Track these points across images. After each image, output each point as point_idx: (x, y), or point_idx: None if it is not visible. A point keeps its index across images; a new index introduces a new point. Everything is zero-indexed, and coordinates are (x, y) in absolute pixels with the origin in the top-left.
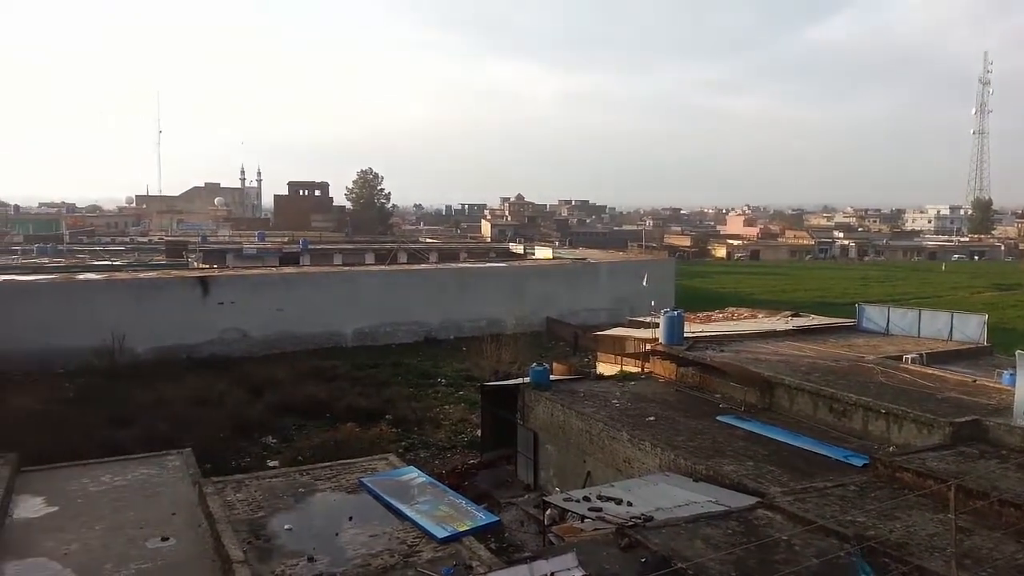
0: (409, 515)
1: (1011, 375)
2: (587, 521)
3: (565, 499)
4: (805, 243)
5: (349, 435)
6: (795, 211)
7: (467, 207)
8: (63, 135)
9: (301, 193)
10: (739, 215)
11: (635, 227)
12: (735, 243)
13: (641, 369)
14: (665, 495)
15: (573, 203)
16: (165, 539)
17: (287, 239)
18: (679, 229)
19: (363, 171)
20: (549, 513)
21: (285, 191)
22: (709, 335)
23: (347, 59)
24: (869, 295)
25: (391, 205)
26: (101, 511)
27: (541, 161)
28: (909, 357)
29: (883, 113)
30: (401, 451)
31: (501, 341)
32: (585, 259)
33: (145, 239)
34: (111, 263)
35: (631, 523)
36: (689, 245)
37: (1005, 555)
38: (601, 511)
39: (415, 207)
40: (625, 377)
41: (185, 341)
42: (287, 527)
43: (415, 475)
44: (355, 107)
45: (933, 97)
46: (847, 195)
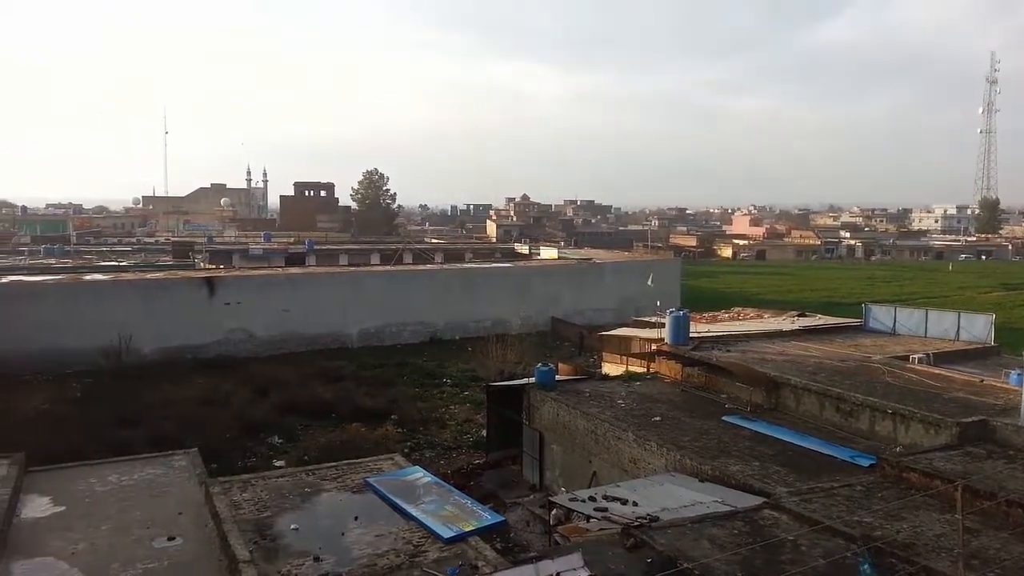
0: (415, 515)
1: (1018, 375)
2: (593, 521)
3: (571, 499)
4: (811, 243)
5: (355, 435)
6: (801, 211)
7: (472, 207)
8: (63, 135)
9: (307, 194)
10: (745, 215)
11: (641, 227)
12: (741, 243)
13: (647, 369)
14: (671, 495)
15: (578, 203)
16: (172, 539)
17: (293, 240)
18: (685, 229)
19: (368, 172)
20: (555, 513)
21: (291, 192)
22: (715, 335)
23: (348, 59)
24: (876, 295)
25: (396, 206)
26: (108, 511)
27: (546, 161)
28: (916, 357)
29: (890, 113)
30: (407, 451)
31: (506, 341)
32: (590, 259)
33: (152, 240)
34: (118, 264)
35: (637, 523)
36: (695, 245)
37: (1013, 556)
38: (607, 511)
39: (420, 207)
40: (631, 377)
41: (191, 341)
42: (293, 527)
43: (421, 475)
44: (358, 108)
45: (939, 96)
46: (853, 195)
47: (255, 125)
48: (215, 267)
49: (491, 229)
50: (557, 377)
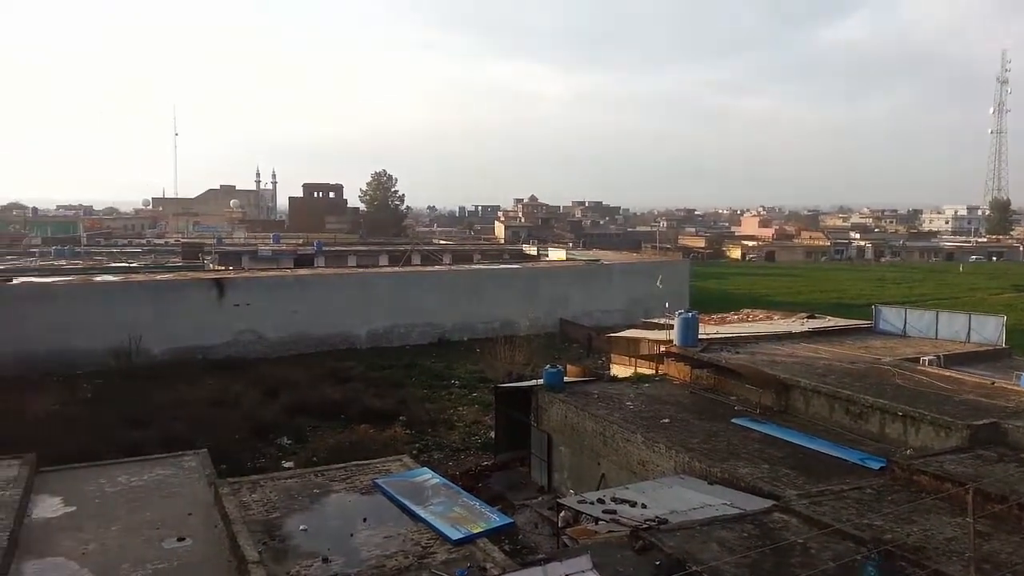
0: (423, 516)
1: None
2: (601, 523)
3: (579, 501)
4: (821, 244)
5: (363, 436)
6: (811, 212)
7: (480, 209)
8: (64, 135)
9: (315, 195)
10: (754, 216)
11: (649, 228)
12: (750, 244)
13: (655, 371)
14: (680, 498)
15: (587, 204)
16: (181, 539)
17: (302, 241)
18: (693, 230)
19: (377, 173)
20: (563, 515)
21: (299, 193)
22: (724, 337)
23: (348, 59)
24: (886, 296)
25: (405, 207)
26: (118, 511)
27: (546, 161)
28: (926, 359)
29: (900, 113)
30: (415, 452)
31: (515, 343)
32: (599, 260)
33: (161, 241)
34: (128, 265)
35: (645, 525)
36: (703, 246)
37: None
38: (615, 513)
39: (429, 209)
40: (639, 379)
41: (201, 342)
42: (302, 528)
43: (429, 476)
44: (358, 107)
45: (949, 97)
46: (863, 196)
47: (255, 125)
48: (224, 268)
49: (499, 230)
50: (565, 379)
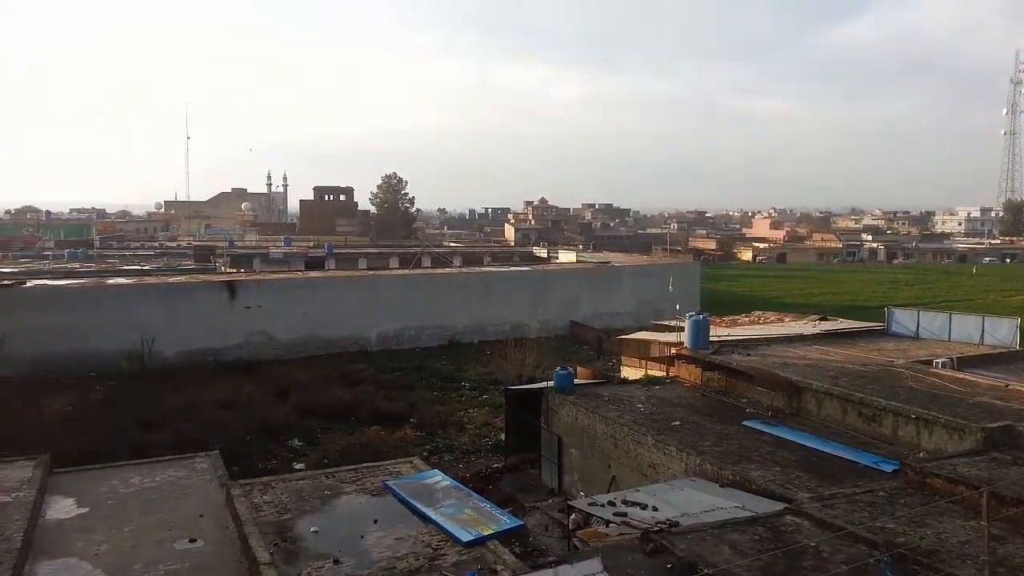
0: (434, 518)
1: None
2: (612, 526)
3: (590, 503)
4: (833, 246)
5: (374, 438)
6: (822, 213)
7: (490, 211)
8: (69, 136)
9: (326, 198)
10: (765, 218)
11: (659, 230)
12: (761, 246)
13: (666, 373)
14: (691, 500)
15: (597, 206)
16: (193, 541)
17: (312, 243)
18: (704, 232)
19: (387, 176)
20: (574, 518)
21: (310, 196)
22: (735, 339)
23: (352, 60)
24: (898, 298)
25: (415, 209)
26: (130, 512)
27: (563, 165)
28: (939, 361)
29: (912, 114)
30: (425, 454)
31: (525, 345)
32: (609, 263)
33: (174, 244)
34: (140, 268)
35: (657, 528)
36: (715, 248)
37: None
38: (626, 516)
39: (439, 211)
40: (650, 381)
41: (213, 344)
42: (313, 529)
43: (439, 478)
44: (370, 110)
45: (962, 98)
46: (875, 197)
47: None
48: (236, 271)
49: (509, 233)
50: (576, 381)
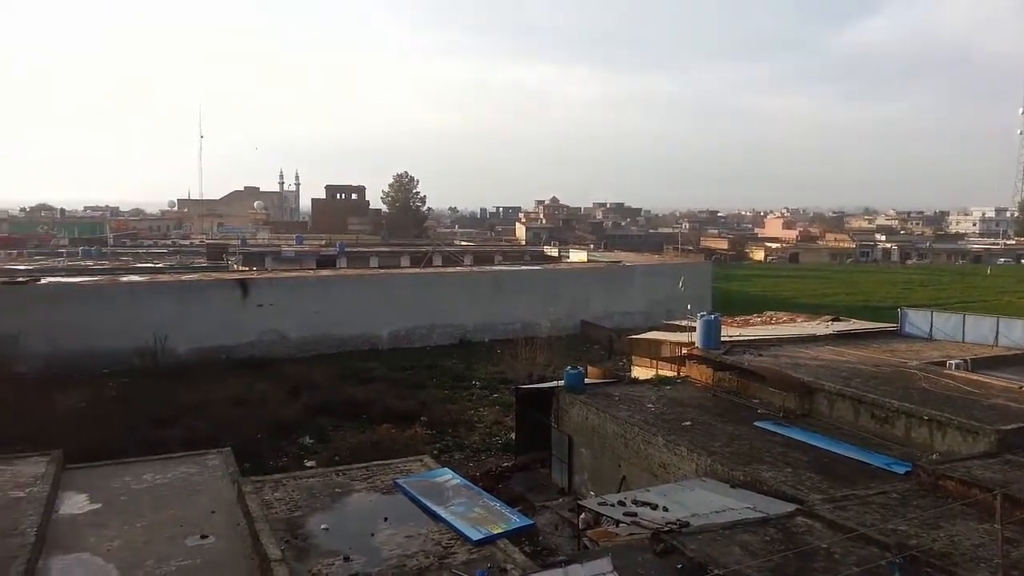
0: (444, 517)
1: None
2: (622, 526)
3: (600, 503)
4: (846, 246)
5: (384, 436)
6: (836, 213)
7: (501, 210)
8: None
9: (338, 197)
10: (778, 218)
11: (671, 230)
12: (774, 246)
13: (677, 373)
14: (702, 501)
15: (608, 206)
16: (204, 537)
17: (324, 242)
18: (716, 232)
19: (399, 175)
20: (584, 517)
21: (322, 195)
22: (747, 339)
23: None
24: (912, 299)
25: (426, 208)
26: (143, 509)
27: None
28: (953, 363)
29: (926, 113)
30: (436, 453)
31: (535, 344)
32: (620, 262)
33: (187, 242)
34: (154, 266)
35: (667, 528)
36: (726, 248)
37: None
38: (636, 516)
39: (450, 210)
40: (661, 381)
41: (225, 342)
42: (324, 527)
43: (449, 477)
44: (376, 109)
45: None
46: (889, 197)
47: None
48: (248, 269)
49: (520, 232)
50: (586, 380)
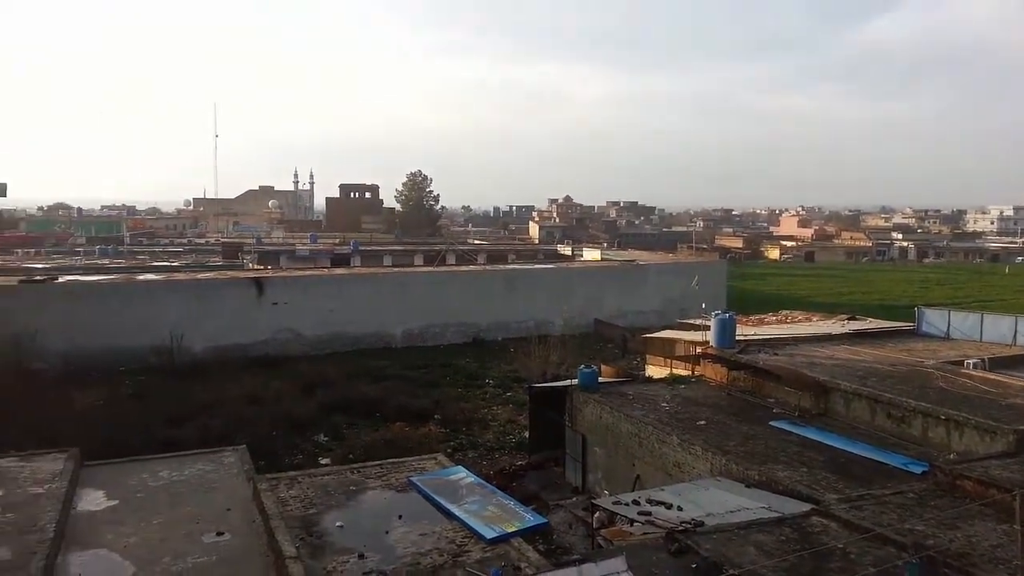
0: (458, 515)
1: None
2: (636, 525)
3: (614, 502)
4: (862, 244)
5: (398, 434)
6: (852, 212)
7: (515, 209)
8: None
9: (352, 196)
10: (793, 216)
11: (685, 228)
12: (789, 244)
13: (691, 372)
14: (716, 500)
15: (621, 204)
16: (220, 534)
17: (338, 241)
18: (731, 230)
19: (412, 174)
20: (598, 516)
21: (336, 194)
22: (762, 338)
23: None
24: (929, 298)
25: (440, 207)
26: (159, 505)
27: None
28: (971, 362)
29: (943, 111)
30: (449, 451)
31: (549, 343)
32: (634, 261)
33: (202, 241)
34: (170, 264)
35: (681, 528)
36: (741, 246)
37: None
38: (651, 515)
39: (463, 209)
40: (675, 380)
41: (240, 340)
42: (338, 524)
43: (463, 475)
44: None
45: (994, 95)
46: (905, 195)
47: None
48: (263, 268)
49: (534, 231)
50: (600, 379)
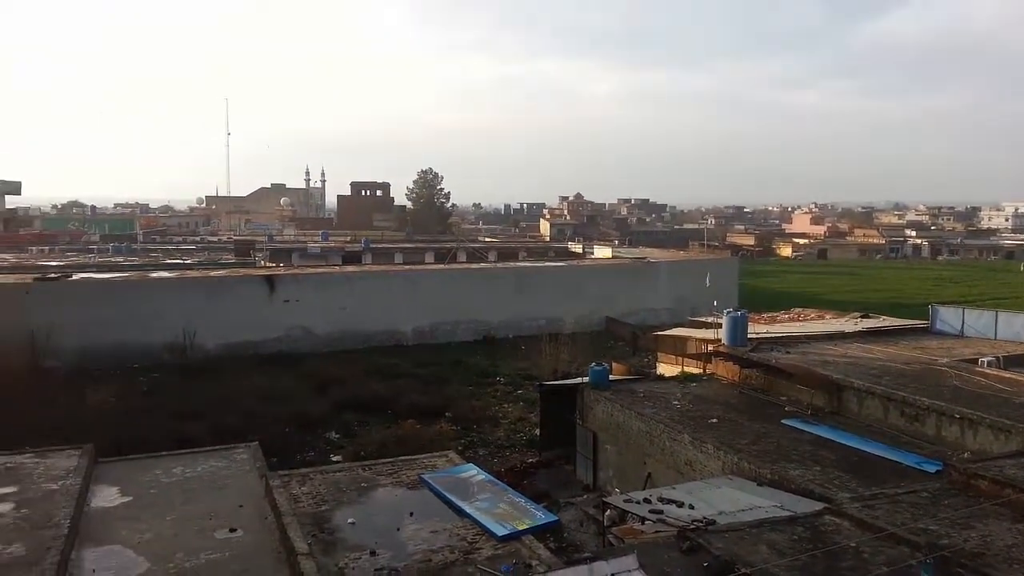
0: (469, 512)
1: None
2: (648, 523)
3: (625, 500)
4: (875, 242)
5: (410, 432)
6: (865, 209)
7: (526, 206)
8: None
9: (363, 193)
10: (805, 213)
11: (696, 226)
12: (801, 242)
13: (703, 370)
14: (728, 499)
15: (633, 202)
16: (233, 530)
17: (350, 238)
18: (743, 227)
19: (423, 171)
20: (609, 514)
21: (346, 191)
22: (774, 336)
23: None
24: (943, 296)
25: (450, 204)
26: (173, 502)
27: (598, 160)
28: (985, 360)
29: (958, 107)
30: (460, 449)
31: (560, 340)
32: (645, 258)
33: (215, 238)
34: (183, 262)
35: (693, 526)
36: (753, 244)
37: None
38: (662, 513)
39: (474, 206)
40: (686, 378)
41: (253, 337)
42: (350, 521)
43: (475, 472)
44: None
45: (1010, 91)
46: (919, 192)
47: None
48: (275, 265)
49: (544, 228)
50: (611, 377)
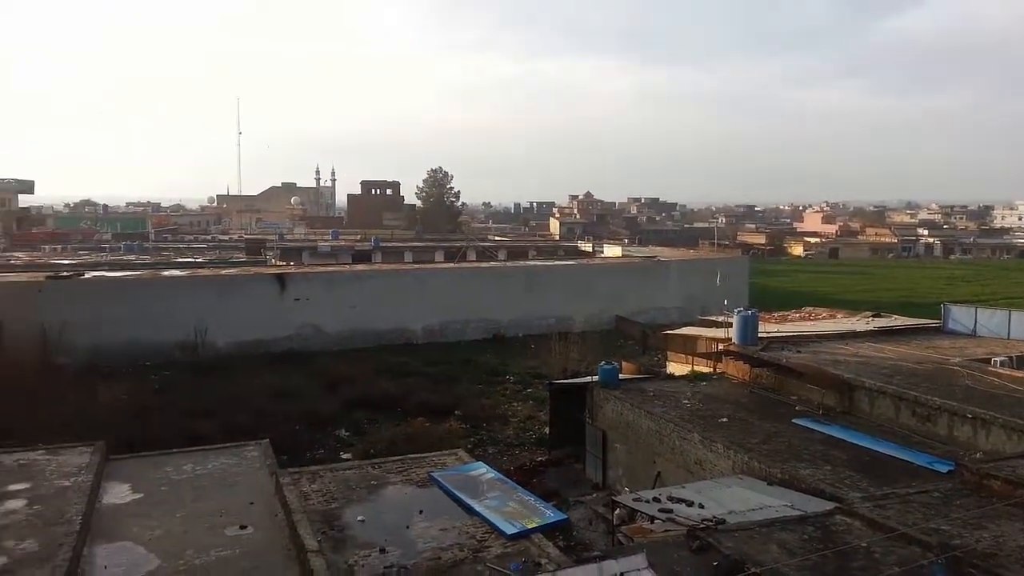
0: (478, 510)
1: None
2: (657, 522)
3: (635, 499)
4: (887, 241)
5: (419, 430)
6: (877, 208)
7: (535, 205)
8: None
9: (373, 192)
10: (817, 212)
11: (707, 224)
12: (812, 240)
13: (713, 369)
14: (738, 498)
15: (642, 200)
16: (243, 527)
17: (360, 237)
18: (753, 226)
19: (433, 170)
20: (618, 513)
21: (356, 190)
22: (785, 335)
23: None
24: (955, 295)
25: (460, 203)
26: (183, 499)
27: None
28: (998, 360)
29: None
30: (470, 447)
31: (569, 339)
32: (655, 257)
33: (226, 237)
34: (194, 260)
35: (703, 525)
36: (764, 243)
37: None
38: (672, 512)
39: (484, 205)
40: (696, 377)
41: (263, 336)
42: (360, 518)
43: (484, 471)
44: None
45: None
46: (931, 191)
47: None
48: (286, 264)
49: (554, 227)
50: (621, 376)
